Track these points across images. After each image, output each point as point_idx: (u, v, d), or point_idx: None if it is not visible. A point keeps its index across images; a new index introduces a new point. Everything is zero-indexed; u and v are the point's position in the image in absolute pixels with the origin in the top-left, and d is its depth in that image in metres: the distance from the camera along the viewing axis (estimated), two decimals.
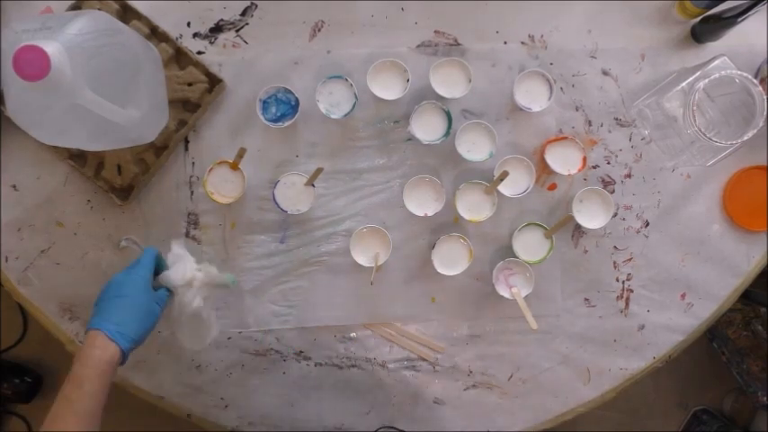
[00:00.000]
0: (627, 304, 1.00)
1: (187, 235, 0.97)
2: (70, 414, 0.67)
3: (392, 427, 1.01)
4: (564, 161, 0.94)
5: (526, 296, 0.93)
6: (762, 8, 0.82)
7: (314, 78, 0.95)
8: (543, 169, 0.96)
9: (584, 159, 0.94)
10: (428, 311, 0.99)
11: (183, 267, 0.82)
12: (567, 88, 0.97)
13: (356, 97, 0.91)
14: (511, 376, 1.01)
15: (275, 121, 0.92)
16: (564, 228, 0.95)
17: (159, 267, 0.82)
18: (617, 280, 1.00)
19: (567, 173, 0.94)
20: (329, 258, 0.98)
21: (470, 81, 0.91)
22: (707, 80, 0.82)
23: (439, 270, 0.93)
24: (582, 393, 1.02)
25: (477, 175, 0.95)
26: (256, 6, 0.95)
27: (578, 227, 0.97)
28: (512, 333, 1.00)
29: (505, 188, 0.93)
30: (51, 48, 0.66)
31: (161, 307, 0.78)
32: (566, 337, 1.01)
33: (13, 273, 0.97)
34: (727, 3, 0.87)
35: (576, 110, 0.97)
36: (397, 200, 0.95)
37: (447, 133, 0.92)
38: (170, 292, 0.80)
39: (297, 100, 0.92)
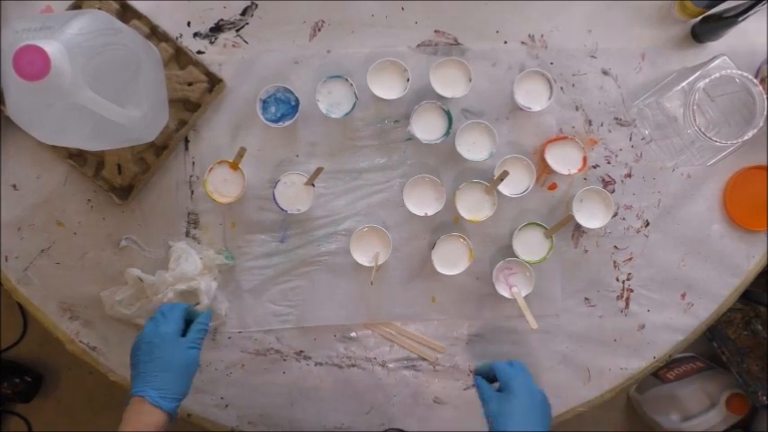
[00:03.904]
0: (627, 304, 1.00)
1: (187, 234, 0.97)
2: None
3: (399, 430, 1.00)
4: (564, 161, 0.94)
5: (526, 296, 0.93)
6: (762, 8, 0.82)
7: (314, 78, 0.95)
8: (543, 169, 0.96)
9: (585, 159, 0.94)
10: (428, 311, 0.99)
11: (194, 260, 0.93)
12: (567, 88, 0.97)
13: (356, 97, 0.91)
14: None
15: (275, 120, 0.92)
16: (564, 227, 0.95)
17: (191, 314, 0.85)
18: (617, 280, 1.00)
19: (567, 172, 0.94)
20: (329, 258, 0.98)
21: (470, 81, 0.91)
22: (707, 80, 0.82)
23: (439, 270, 0.93)
24: (582, 393, 1.02)
25: (477, 174, 0.95)
26: (256, 6, 0.95)
27: (578, 226, 0.97)
28: (512, 333, 1.00)
29: (505, 188, 0.93)
30: (51, 47, 0.66)
31: (198, 347, 0.79)
32: (566, 337, 1.01)
33: (13, 272, 0.97)
34: (727, 2, 0.87)
35: (576, 109, 0.97)
36: (397, 199, 0.95)
37: (447, 133, 0.92)
38: (203, 326, 0.82)
39: (297, 100, 0.92)
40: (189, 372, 0.77)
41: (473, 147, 0.93)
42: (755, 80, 0.83)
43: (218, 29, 0.95)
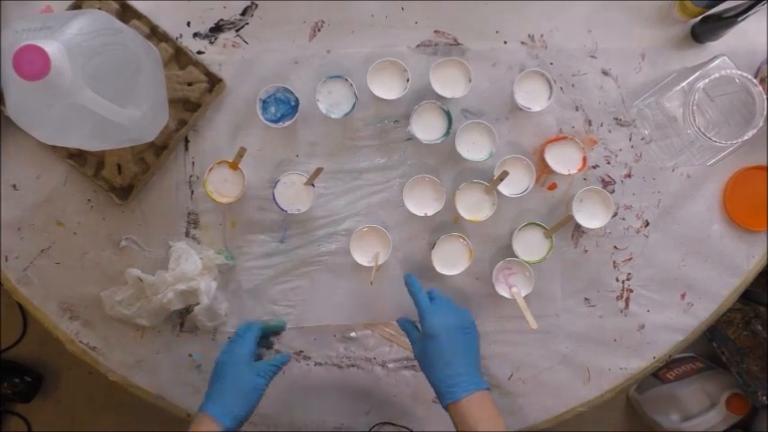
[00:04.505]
0: (627, 304, 1.00)
1: (187, 234, 0.97)
2: None
3: (388, 423, 1.01)
4: (564, 161, 0.94)
5: (526, 296, 0.93)
6: (762, 8, 0.82)
7: (314, 78, 0.95)
8: (543, 169, 0.96)
9: (585, 159, 0.94)
10: None
11: (194, 260, 0.93)
12: (567, 88, 0.97)
13: (356, 97, 0.91)
14: (511, 376, 1.01)
15: (275, 120, 0.92)
16: (564, 227, 0.95)
17: (268, 330, 0.91)
18: (617, 280, 1.00)
19: (567, 172, 0.94)
20: (329, 258, 0.98)
21: (470, 81, 0.91)
22: (707, 80, 0.82)
23: (439, 270, 0.93)
24: (582, 393, 1.02)
25: (477, 174, 0.95)
26: (256, 6, 0.95)
27: (578, 226, 0.97)
28: (512, 333, 1.00)
29: (505, 188, 0.93)
30: (51, 47, 0.66)
31: (266, 379, 0.83)
32: (565, 337, 1.01)
33: (12, 272, 0.97)
34: (727, 2, 0.87)
35: (576, 109, 0.97)
36: (397, 199, 0.95)
37: (447, 133, 0.92)
38: (277, 364, 0.86)
39: (297, 100, 0.92)
40: (252, 396, 0.81)
41: (473, 147, 0.93)
42: (755, 80, 0.83)
43: (218, 29, 0.95)
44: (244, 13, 0.95)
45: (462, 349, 0.82)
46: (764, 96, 0.83)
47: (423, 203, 0.93)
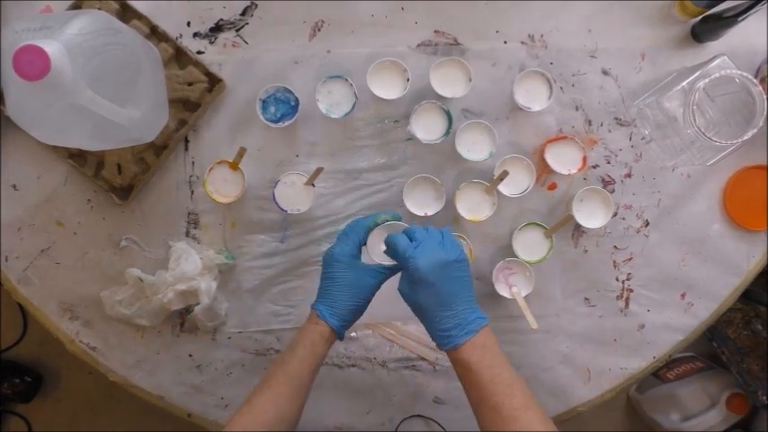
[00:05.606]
0: (627, 304, 1.00)
1: (187, 234, 0.97)
2: (281, 371, 0.76)
3: (417, 416, 1.01)
4: (564, 161, 0.94)
5: (526, 296, 0.93)
6: (762, 8, 0.82)
7: (314, 78, 0.95)
8: (543, 169, 0.96)
9: (585, 159, 0.94)
10: None
11: (194, 260, 0.93)
12: (567, 88, 0.97)
13: (356, 97, 0.91)
14: None
15: (275, 120, 0.92)
16: (564, 227, 0.95)
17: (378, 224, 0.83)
18: (617, 279, 1.00)
19: (567, 172, 0.94)
20: None
21: (470, 80, 0.91)
22: (707, 80, 0.82)
23: None
24: (582, 393, 1.02)
25: (477, 174, 0.95)
26: (256, 6, 0.95)
27: (578, 226, 0.97)
28: (512, 333, 1.00)
29: (505, 188, 0.93)
30: (51, 47, 0.66)
31: (376, 279, 0.80)
32: (566, 337, 1.01)
33: (13, 272, 0.97)
34: (727, 2, 0.87)
35: (576, 109, 0.97)
36: (397, 199, 0.95)
37: (447, 133, 0.92)
38: (390, 267, 0.81)
39: (297, 100, 0.92)
40: (357, 295, 0.78)
41: (473, 147, 0.93)
42: (755, 80, 0.83)
43: (217, 29, 0.95)
44: (244, 13, 0.95)
45: (457, 287, 0.73)
46: (764, 96, 0.83)
47: (423, 203, 0.93)
